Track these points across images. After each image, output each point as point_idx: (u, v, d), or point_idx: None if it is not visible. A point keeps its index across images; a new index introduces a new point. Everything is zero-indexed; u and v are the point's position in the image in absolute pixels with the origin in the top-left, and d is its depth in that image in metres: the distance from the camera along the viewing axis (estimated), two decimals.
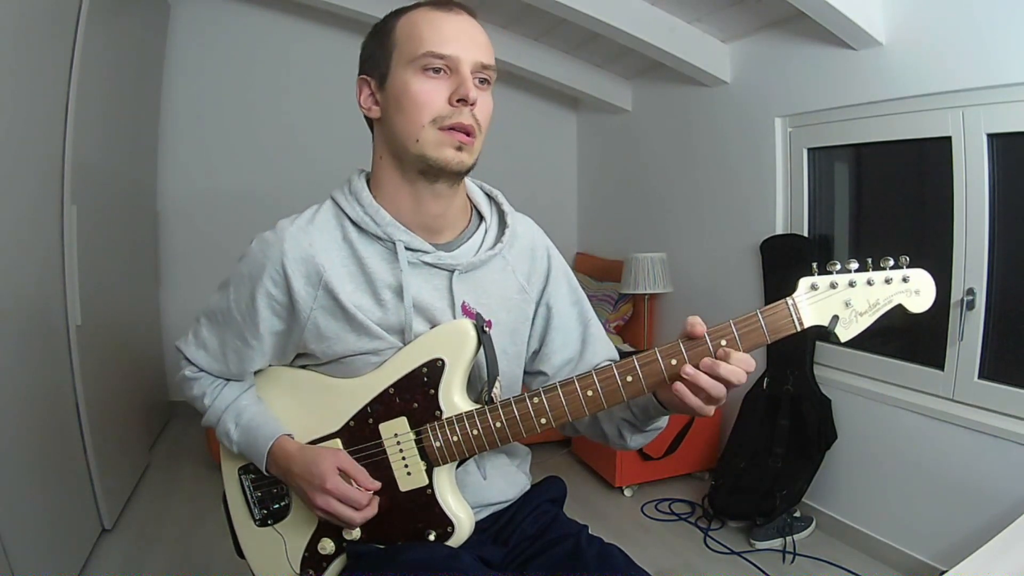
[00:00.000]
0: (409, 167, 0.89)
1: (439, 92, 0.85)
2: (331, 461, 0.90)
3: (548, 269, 1.05)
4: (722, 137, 2.89)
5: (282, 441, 0.95)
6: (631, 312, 3.41)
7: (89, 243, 2.21)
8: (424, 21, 0.87)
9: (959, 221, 1.99)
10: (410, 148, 0.87)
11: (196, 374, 1.02)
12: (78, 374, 2.10)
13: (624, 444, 1.01)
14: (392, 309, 0.91)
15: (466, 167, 0.88)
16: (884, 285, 0.82)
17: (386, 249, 0.92)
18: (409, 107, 0.86)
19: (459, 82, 0.85)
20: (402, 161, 0.90)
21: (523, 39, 3.26)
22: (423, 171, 0.88)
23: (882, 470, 2.23)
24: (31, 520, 1.74)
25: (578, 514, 1.06)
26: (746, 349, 0.82)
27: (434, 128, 0.85)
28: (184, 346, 1.02)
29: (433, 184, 0.90)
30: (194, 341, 1.01)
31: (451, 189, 0.92)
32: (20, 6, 1.72)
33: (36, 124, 1.90)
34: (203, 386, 1.01)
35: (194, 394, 1.02)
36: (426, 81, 0.85)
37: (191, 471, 2.88)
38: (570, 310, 1.06)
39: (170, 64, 3.35)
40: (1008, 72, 1.80)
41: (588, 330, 1.06)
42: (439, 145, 0.86)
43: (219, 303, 0.97)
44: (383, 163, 0.93)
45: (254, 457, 0.97)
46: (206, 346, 1.00)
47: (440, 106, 0.85)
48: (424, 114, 0.85)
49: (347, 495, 0.89)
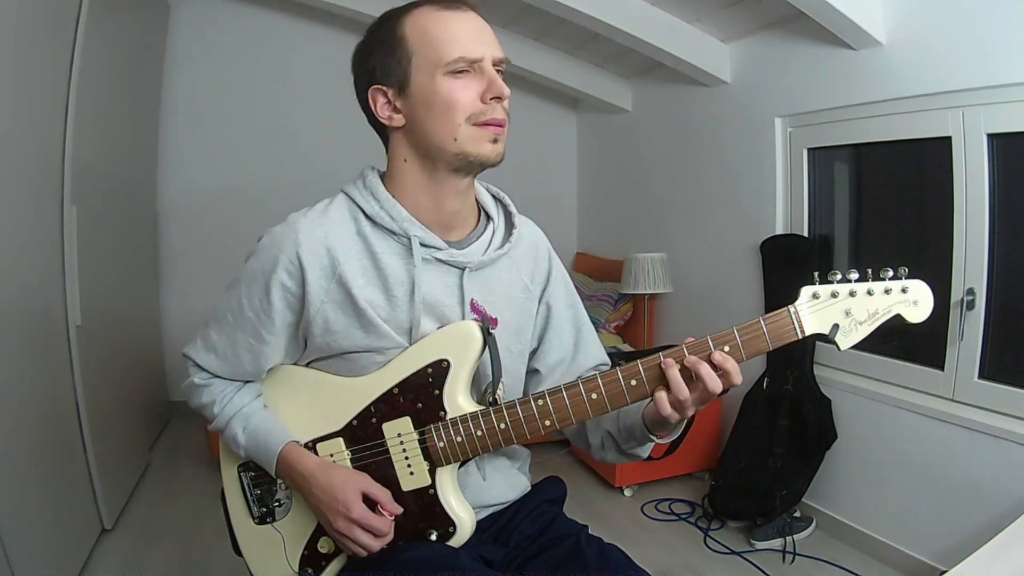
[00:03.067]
0: (442, 166, 0.90)
1: (469, 90, 0.87)
2: (355, 487, 0.90)
3: (549, 270, 1.07)
4: (722, 137, 2.89)
5: (294, 450, 0.94)
6: (631, 312, 3.41)
7: (89, 243, 2.21)
8: (436, 24, 0.87)
9: (959, 221, 1.99)
10: (448, 147, 0.88)
11: (207, 380, 1.00)
12: (78, 374, 2.10)
13: (603, 456, 1.04)
14: (402, 305, 0.92)
15: (502, 156, 0.90)
16: (883, 295, 0.84)
17: (400, 244, 0.92)
18: (442, 109, 0.87)
19: (489, 80, 0.87)
20: (435, 161, 0.90)
21: (523, 39, 3.26)
22: (458, 168, 0.90)
23: (882, 470, 2.23)
24: (31, 520, 1.74)
25: (578, 514, 1.06)
26: (748, 355, 0.84)
27: (469, 125, 0.87)
28: (193, 352, 1.01)
29: (461, 180, 0.92)
30: (203, 346, 1.00)
31: (469, 186, 0.94)
32: (20, 6, 1.72)
33: (36, 124, 1.90)
34: (213, 393, 1.00)
35: (203, 401, 1.01)
36: (455, 82, 0.86)
37: (191, 471, 2.88)
38: (566, 312, 1.08)
39: (170, 64, 3.35)
40: (1008, 72, 1.80)
41: (581, 333, 1.09)
42: (478, 140, 0.88)
43: (228, 304, 0.96)
44: (407, 165, 0.93)
45: (263, 461, 0.96)
46: (216, 349, 0.98)
47: (471, 103, 0.87)
48: (459, 113, 0.86)
49: (372, 525, 0.88)
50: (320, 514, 0.93)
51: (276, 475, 0.96)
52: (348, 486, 0.89)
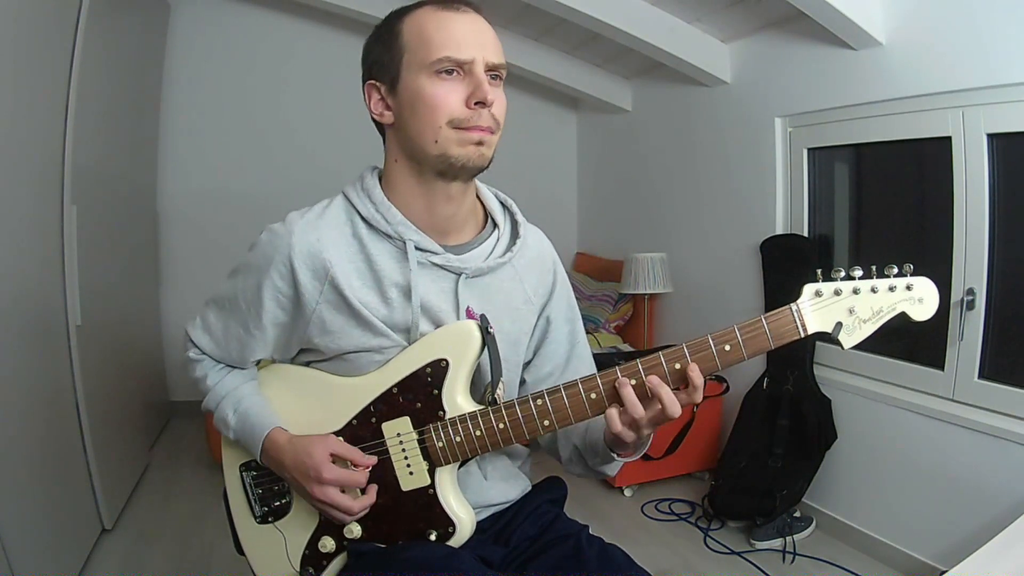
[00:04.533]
0: (427, 169, 0.89)
1: (454, 94, 0.84)
2: (322, 448, 0.90)
3: (553, 283, 1.06)
4: (722, 137, 2.89)
5: (274, 433, 0.95)
6: (631, 312, 3.41)
7: (89, 243, 2.21)
8: (432, 23, 0.86)
9: (959, 221, 1.99)
10: (429, 150, 0.86)
11: (199, 356, 1.03)
12: (78, 374, 2.10)
13: (572, 470, 1.06)
14: (398, 308, 0.92)
15: (487, 161, 0.88)
16: (888, 293, 0.83)
17: (395, 248, 0.92)
18: (424, 110, 0.85)
19: (475, 84, 0.84)
20: (420, 164, 0.89)
21: (523, 39, 3.26)
22: (442, 171, 0.88)
23: (882, 470, 2.23)
24: (31, 520, 1.74)
25: (578, 514, 1.06)
26: (749, 354, 0.83)
27: (451, 128, 0.85)
28: (191, 329, 1.04)
29: (449, 184, 0.90)
30: (201, 324, 1.03)
31: (462, 190, 0.92)
32: (20, 6, 1.72)
33: (36, 124, 1.90)
34: (205, 368, 1.02)
35: (196, 375, 1.04)
36: (440, 84, 0.84)
37: (191, 471, 2.88)
38: (563, 327, 1.08)
39: (170, 64, 3.35)
40: (1008, 72, 1.80)
41: (575, 350, 1.08)
42: (459, 143, 0.85)
43: (227, 290, 0.98)
44: (398, 166, 0.92)
45: (249, 446, 0.97)
46: (211, 331, 1.01)
47: (456, 107, 0.84)
48: (440, 116, 0.84)
49: (345, 480, 0.89)
50: (299, 490, 0.93)
51: (260, 460, 0.97)
52: (316, 450, 0.90)
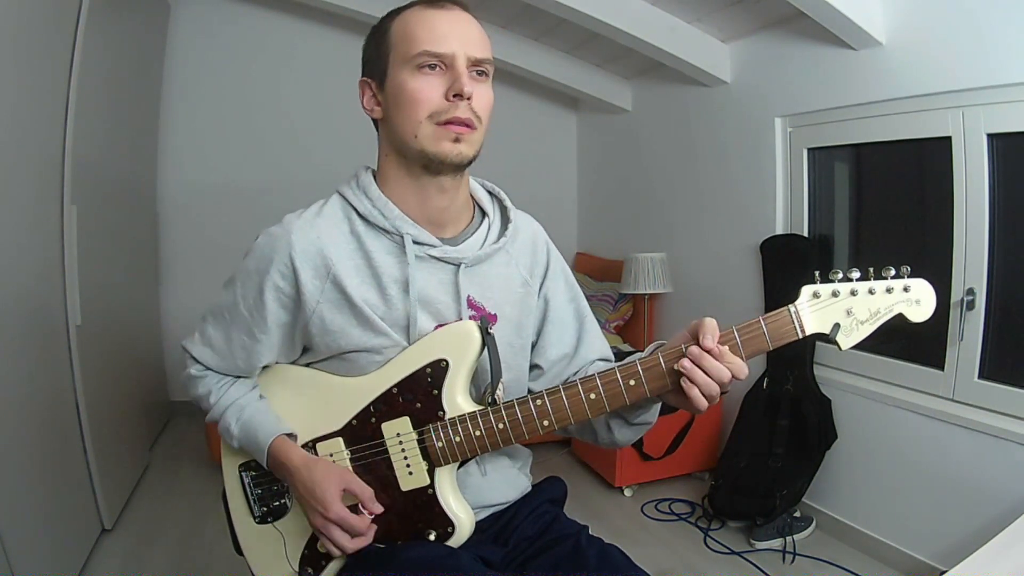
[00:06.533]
0: (413, 162, 0.91)
1: (434, 88, 0.86)
2: (336, 485, 0.90)
3: (547, 263, 1.06)
4: (722, 137, 2.89)
5: (282, 444, 0.94)
6: (631, 312, 3.41)
7: (89, 243, 2.21)
8: (417, 20, 0.88)
9: (959, 221, 1.99)
10: (410, 144, 0.88)
11: (202, 372, 1.03)
12: (78, 374, 2.10)
13: (613, 440, 1.00)
14: (397, 304, 0.92)
15: (466, 159, 0.89)
16: (885, 294, 0.83)
17: (393, 243, 0.93)
18: (406, 104, 0.87)
19: (454, 77, 0.86)
20: (406, 157, 0.91)
21: (523, 39, 3.26)
22: (425, 165, 0.89)
23: (882, 470, 2.23)
24: (31, 520, 1.74)
25: (578, 514, 1.06)
26: (748, 355, 0.83)
27: (431, 123, 0.86)
28: (190, 345, 1.03)
29: (436, 178, 0.91)
30: (200, 340, 1.02)
31: (455, 183, 0.93)
32: (20, 6, 1.72)
33: (36, 124, 1.90)
34: (208, 384, 1.02)
35: (199, 393, 1.03)
36: (421, 78, 0.86)
37: (191, 471, 2.88)
38: (567, 306, 1.07)
39: (170, 64, 3.35)
40: (1008, 72, 1.80)
41: (584, 326, 1.07)
42: (436, 139, 0.87)
43: (225, 300, 0.98)
44: (389, 160, 0.94)
45: (255, 454, 0.97)
46: (212, 344, 1.00)
47: (436, 102, 0.86)
48: (420, 110, 0.86)
49: (349, 524, 0.89)
50: (303, 508, 0.94)
51: (268, 467, 0.97)
52: (328, 484, 0.90)
